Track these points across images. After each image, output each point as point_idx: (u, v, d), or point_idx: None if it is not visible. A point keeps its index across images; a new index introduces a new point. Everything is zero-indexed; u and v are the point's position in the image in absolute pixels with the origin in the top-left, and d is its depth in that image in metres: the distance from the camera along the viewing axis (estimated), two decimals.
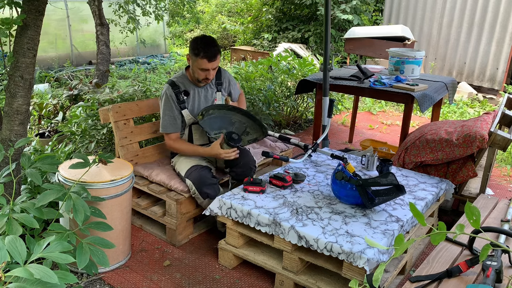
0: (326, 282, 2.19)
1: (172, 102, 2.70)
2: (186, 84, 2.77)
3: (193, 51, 2.60)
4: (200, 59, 2.58)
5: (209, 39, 2.63)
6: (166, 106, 2.71)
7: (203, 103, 2.82)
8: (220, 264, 2.57)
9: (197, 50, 2.57)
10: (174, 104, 2.71)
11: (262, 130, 2.77)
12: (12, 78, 2.22)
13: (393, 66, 3.89)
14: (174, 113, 2.72)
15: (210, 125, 2.69)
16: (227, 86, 2.96)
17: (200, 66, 2.61)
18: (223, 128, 2.73)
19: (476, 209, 1.06)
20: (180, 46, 12.37)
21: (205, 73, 2.65)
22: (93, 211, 2.10)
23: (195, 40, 2.62)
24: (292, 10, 10.40)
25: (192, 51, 2.61)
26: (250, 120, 2.77)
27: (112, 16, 6.34)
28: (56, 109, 4.52)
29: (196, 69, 2.64)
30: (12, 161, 2.15)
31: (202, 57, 2.57)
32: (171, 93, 2.71)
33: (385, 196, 2.33)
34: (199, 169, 2.65)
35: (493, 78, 7.20)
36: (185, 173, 2.67)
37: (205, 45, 2.58)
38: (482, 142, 2.70)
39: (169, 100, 2.70)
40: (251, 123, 2.78)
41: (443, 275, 1.73)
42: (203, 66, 2.60)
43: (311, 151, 3.02)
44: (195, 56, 2.60)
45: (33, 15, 2.18)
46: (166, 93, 2.70)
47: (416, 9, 7.81)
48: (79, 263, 1.82)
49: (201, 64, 2.59)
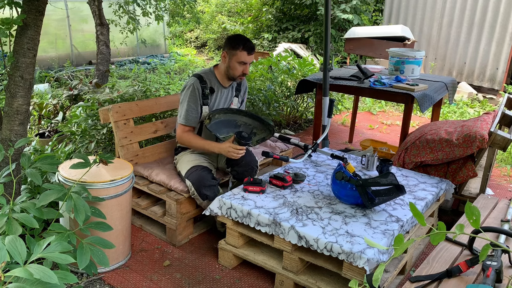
0: (326, 282, 2.19)
1: (198, 95, 2.71)
2: (213, 81, 2.79)
3: (232, 45, 2.66)
4: (240, 52, 2.64)
5: (245, 36, 2.74)
6: (192, 99, 2.71)
7: (221, 105, 2.87)
8: (220, 264, 2.57)
9: (237, 44, 2.64)
10: (199, 98, 2.72)
11: (269, 129, 2.77)
12: (12, 78, 2.22)
13: (393, 66, 3.89)
14: (198, 107, 2.73)
15: (217, 128, 2.68)
16: (243, 94, 3.01)
17: (240, 59, 2.66)
18: (230, 131, 2.73)
19: (476, 209, 1.06)
20: (180, 46, 12.37)
21: (242, 67, 2.69)
22: (93, 211, 2.10)
23: (232, 37, 2.70)
24: (292, 10, 10.40)
25: (230, 45, 2.67)
26: (256, 121, 2.77)
27: (112, 17, 6.34)
28: (56, 109, 4.52)
29: (234, 64, 2.68)
30: (12, 161, 2.15)
31: (243, 49, 2.63)
32: (198, 87, 2.72)
33: (385, 196, 2.33)
34: (199, 170, 2.65)
35: (493, 78, 7.20)
36: (186, 173, 2.67)
37: (244, 39, 2.68)
38: (482, 142, 2.70)
39: (195, 92, 2.71)
40: (257, 124, 2.78)
41: (443, 275, 1.73)
42: (242, 59, 2.65)
43: (311, 151, 3.02)
44: (234, 50, 2.65)
45: (33, 15, 2.18)
46: (194, 86, 2.70)
47: (416, 9, 7.81)
48: (79, 263, 1.82)
49: (240, 57, 2.65)
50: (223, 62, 2.74)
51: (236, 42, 2.66)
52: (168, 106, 3.31)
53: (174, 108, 3.38)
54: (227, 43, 2.70)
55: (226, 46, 2.70)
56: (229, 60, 2.69)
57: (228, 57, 2.69)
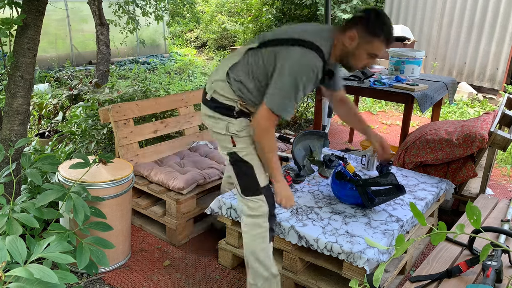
0: (326, 282, 2.19)
1: (315, 79, 1.91)
2: (329, 62, 2.00)
3: (372, 29, 1.87)
4: (379, 42, 1.88)
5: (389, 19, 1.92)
6: (308, 80, 1.88)
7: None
8: (220, 264, 2.57)
9: (379, 30, 1.86)
10: (314, 83, 1.93)
11: (319, 134, 2.78)
12: (12, 78, 2.22)
13: (393, 66, 3.89)
14: (305, 92, 1.94)
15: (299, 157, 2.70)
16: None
17: (374, 51, 1.91)
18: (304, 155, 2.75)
19: (477, 209, 1.06)
20: (180, 46, 12.36)
21: (369, 61, 1.96)
22: (93, 211, 2.10)
23: (375, 16, 1.88)
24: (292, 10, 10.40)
25: (369, 28, 1.87)
26: (308, 135, 2.78)
27: (112, 17, 6.34)
28: (56, 109, 4.52)
29: (361, 53, 1.92)
30: (12, 161, 2.15)
31: (383, 40, 1.88)
32: (320, 68, 1.90)
33: (385, 196, 2.33)
34: (272, 193, 2.10)
35: (493, 78, 7.20)
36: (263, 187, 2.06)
37: (389, 25, 1.89)
38: (482, 142, 2.70)
39: (314, 74, 1.88)
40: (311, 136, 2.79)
41: (443, 275, 1.73)
42: (377, 51, 1.91)
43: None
44: (371, 36, 1.87)
45: (33, 15, 2.18)
46: (316, 66, 1.88)
47: (416, 9, 7.80)
48: (79, 263, 1.82)
49: (377, 48, 1.90)
50: (347, 43, 1.92)
51: (379, 26, 1.87)
52: (168, 106, 3.31)
53: (174, 108, 3.38)
54: (366, 22, 1.88)
55: (361, 24, 1.88)
56: (358, 46, 1.90)
57: (358, 41, 1.89)
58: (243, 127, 2.02)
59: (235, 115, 2.02)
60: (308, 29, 1.98)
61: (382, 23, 1.88)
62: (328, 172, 2.74)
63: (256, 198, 2.02)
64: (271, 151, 1.99)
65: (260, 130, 1.93)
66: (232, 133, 2.01)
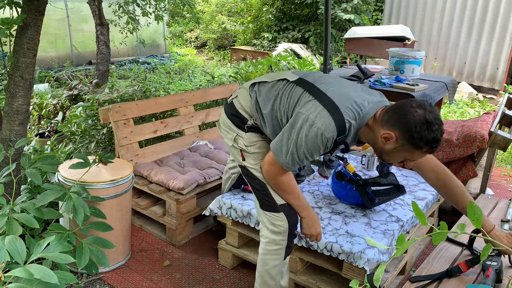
0: (326, 282, 2.19)
1: (322, 149, 1.73)
2: (349, 137, 1.75)
3: (416, 140, 1.60)
4: (421, 153, 1.66)
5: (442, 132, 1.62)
6: (313, 147, 1.71)
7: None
8: (220, 264, 2.57)
9: (423, 143, 1.61)
10: (321, 152, 1.75)
11: None
12: (12, 78, 2.22)
13: (393, 66, 3.89)
14: (312, 158, 1.78)
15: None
16: None
17: (413, 158, 1.70)
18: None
19: (478, 208, 1.06)
20: (180, 46, 12.36)
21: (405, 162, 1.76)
22: (93, 211, 2.10)
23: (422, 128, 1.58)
24: (292, 10, 10.40)
25: (413, 138, 1.60)
26: None
27: (112, 17, 6.34)
28: (56, 109, 4.52)
29: (397, 155, 1.70)
30: (12, 161, 2.15)
31: (425, 152, 1.65)
32: (331, 141, 1.70)
33: (385, 196, 2.33)
34: (295, 215, 1.96)
35: (493, 78, 7.20)
36: (281, 205, 1.92)
37: (436, 140, 1.61)
38: (482, 142, 2.69)
39: (322, 145, 1.70)
40: None
41: (443, 275, 1.73)
42: (417, 158, 1.71)
43: None
44: (412, 146, 1.63)
45: (33, 15, 2.17)
46: (328, 140, 1.69)
47: (416, 9, 7.81)
48: (79, 263, 1.82)
49: (417, 156, 1.69)
50: (384, 139, 1.67)
51: (424, 140, 1.59)
52: (168, 106, 3.31)
53: (174, 108, 3.38)
54: (409, 130, 1.59)
55: (405, 131, 1.61)
56: (395, 148, 1.67)
57: (397, 144, 1.65)
58: (252, 143, 1.93)
59: (246, 129, 1.94)
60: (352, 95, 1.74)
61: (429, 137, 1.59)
62: (328, 172, 2.74)
63: (274, 215, 1.90)
64: (285, 193, 1.87)
65: (267, 175, 1.86)
66: (241, 147, 1.94)
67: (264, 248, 1.97)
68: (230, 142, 1.98)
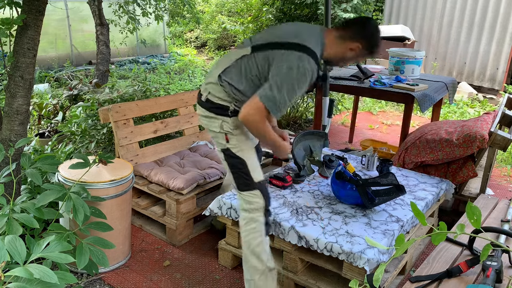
0: (326, 282, 2.19)
1: (309, 81, 1.96)
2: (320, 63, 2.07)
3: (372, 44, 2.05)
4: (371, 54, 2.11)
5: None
6: (302, 82, 1.92)
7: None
8: (220, 264, 2.57)
9: (376, 46, 2.07)
10: (308, 84, 1.98)
11: (320, 135, 2.78)
12: (12, 78, 2.22)
13: (393, 66, 3.89)
14: (300, 93, 1.98)
15: (299, 156, 2.70)
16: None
17: (362, 58, 2.14)
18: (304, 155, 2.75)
19: (477, 209, 1.06)
20: (180, 46, 12.36)
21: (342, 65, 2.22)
22: (93, 211, 2.10)
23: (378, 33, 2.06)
24: (292, 10, 10.40)
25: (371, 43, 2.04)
26: (308, 135, 2.78)
27: (112, 17, 6.34)
28: (56, 109, 4.52)
29: (353, 56, 2.08)
30: (12, 161, 2.15)
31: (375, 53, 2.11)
32: (314, 71, 1.96)
33: (385, 196, 2.33)
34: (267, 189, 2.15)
35: (493, 78, 7.20)
36: (258, 183, 2.10)
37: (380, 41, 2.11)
38: (482, 142, 2.69)
39: (308, 77, 1.94)
40: (311, 137, 2.79)
41: (443, 275, 1.73)
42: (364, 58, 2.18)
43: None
44: (366, 50, 2.06)
45: (33, 15, 2.18)
46: (313, 70, 1.94)
47: (416, 9, 7.80)
48: (78, 263, 1.82)
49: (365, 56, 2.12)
50: (346, 50, 2.06)
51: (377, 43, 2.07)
52: (168, 106, 3.31)
53: (174, 108, 3.38)
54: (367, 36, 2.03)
55: (367, 39, 2.03)
56: (354, 54, 2.07)
57: (358, 51, 2.05)
58: (237, 125, 2.08)
59: (230, 114, 2.07)
60: (300, 31, 2.02)
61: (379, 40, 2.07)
62: (328, 172, 2.74)
63: (251, 193, 2.06)
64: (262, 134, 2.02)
65: (248, 123, 1.95)
66: (226, 131, 2.07)
67: (244, 229, 2.09)
68: (217, 128, 2.10)
